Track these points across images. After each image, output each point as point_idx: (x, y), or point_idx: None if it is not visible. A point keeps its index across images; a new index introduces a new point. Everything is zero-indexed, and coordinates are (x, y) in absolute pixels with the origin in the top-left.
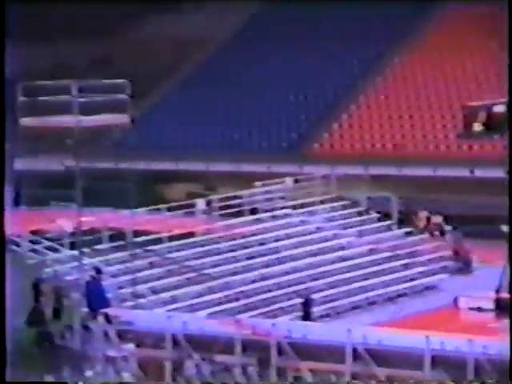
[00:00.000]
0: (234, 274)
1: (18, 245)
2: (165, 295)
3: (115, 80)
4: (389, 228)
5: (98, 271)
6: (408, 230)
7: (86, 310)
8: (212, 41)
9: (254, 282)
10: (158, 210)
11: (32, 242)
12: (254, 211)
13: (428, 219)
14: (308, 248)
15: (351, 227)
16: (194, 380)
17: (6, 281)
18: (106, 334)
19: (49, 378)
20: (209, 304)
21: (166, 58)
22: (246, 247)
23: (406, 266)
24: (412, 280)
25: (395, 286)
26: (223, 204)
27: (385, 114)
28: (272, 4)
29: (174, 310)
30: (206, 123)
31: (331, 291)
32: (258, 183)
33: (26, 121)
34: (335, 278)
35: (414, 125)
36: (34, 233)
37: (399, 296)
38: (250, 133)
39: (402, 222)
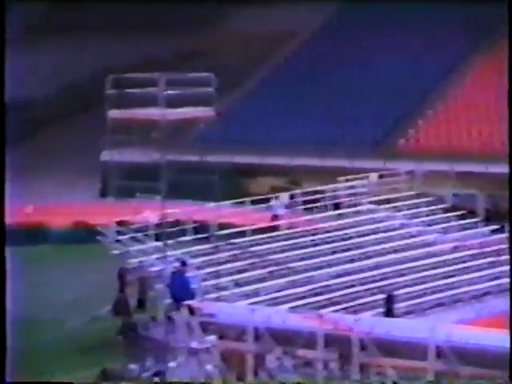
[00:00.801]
0: (318, 268)
1: (104, 235)
2: (247, 288)
3: (201, 73)
4: (475, 225)
5: (183, 263)
6: (495, 227)
7: (169, 301)
8: (299, 35)
9: (337, 276)
10: (242, 203)
11: (118, 232)
12: (337, 206)
13: None
14: (392, 244)
15: (436, 224)
16: (275, 373)
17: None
18: (189, 326)
19: (133, 368)
20: (291, 298)
21: (253, 52)
22: (329, 242)
23: (492, 264)
24: (498, 278)
25: (481, 283)
26: (307, 198)
27: (472, 111)
28: (359, 1)
29: (256, 303)
30: (292, 117)
31: (415, 288)
32: (341, 178)
33: (113, 113)
34: (419, 274)
35: (502, 121)
36: (119, 224)
37: (485, 294)
38: (335, 128)
39: (488, 220)
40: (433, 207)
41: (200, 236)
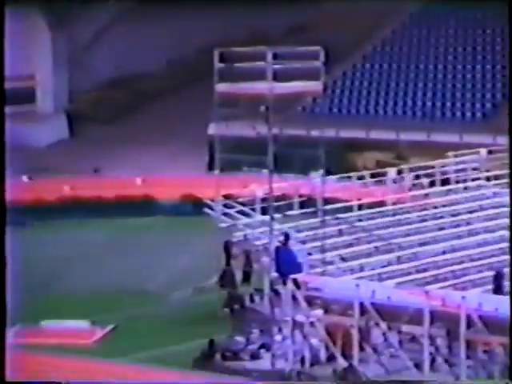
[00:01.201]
0: (424, 244)
1: (211, 208)
2: (353, 263)
3: (309, 47)
4: None
5: (287, 237)
6: None
7: (275, 274)
8: (406, 9)
9: (444, 253)
10: (349, 177)
11: (225, 205)
12: (445, 182)
13: None
14: (501, 221)
15: None
16: (380, 349)
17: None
18: (294, 299)
19: (239, 340)
20: (397, 274)
21: (359, 26)
22: (436, 218)
23: None
24: None
25: None
26: (414, 174)
27: None
28: None
29: (361, 278)
30: (398, 92)
31: None
32: (450, 153)
33: (220, 86)
34: None
35: None
36: (226, 197)
37: None
38: (444, 102)
39: None
40: None
41: (306, 210)
